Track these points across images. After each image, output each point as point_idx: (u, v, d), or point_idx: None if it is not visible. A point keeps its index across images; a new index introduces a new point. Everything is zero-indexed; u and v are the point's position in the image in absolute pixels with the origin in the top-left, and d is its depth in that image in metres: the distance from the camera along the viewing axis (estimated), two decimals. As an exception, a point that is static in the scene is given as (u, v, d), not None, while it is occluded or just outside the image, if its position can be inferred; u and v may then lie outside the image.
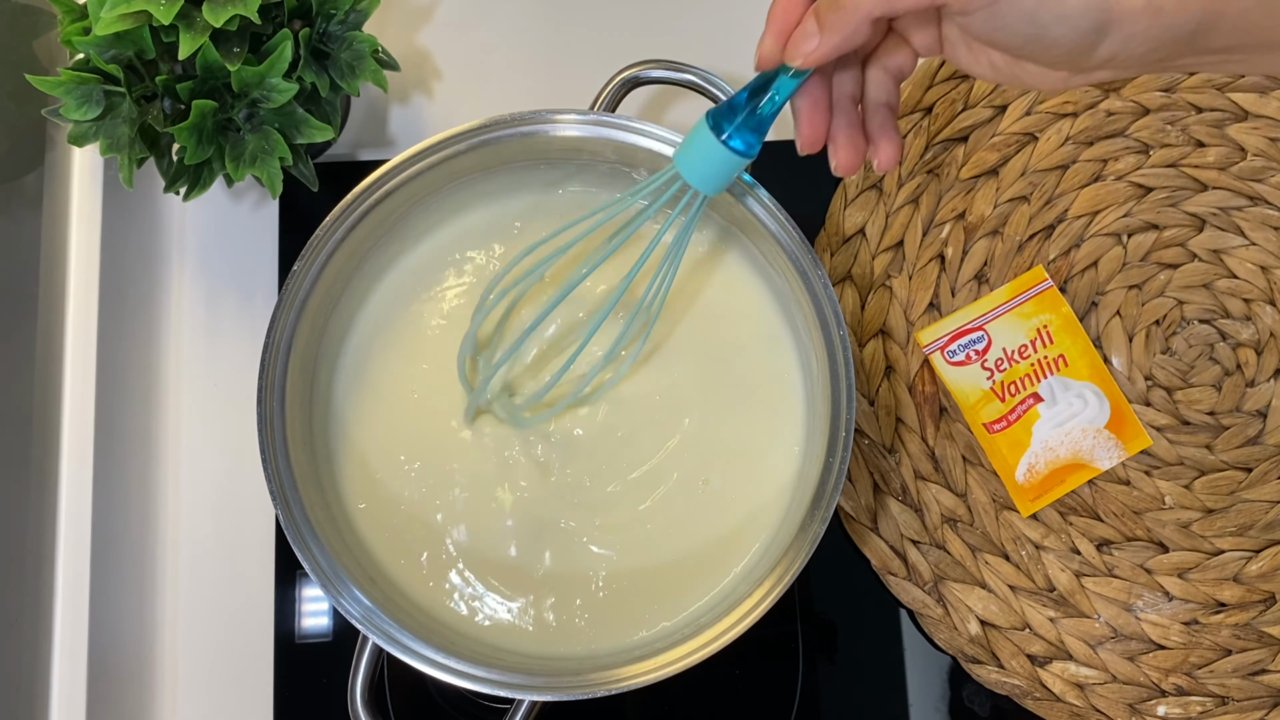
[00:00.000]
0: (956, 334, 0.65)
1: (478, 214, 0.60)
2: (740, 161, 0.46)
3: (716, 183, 0.47)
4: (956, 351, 0.65)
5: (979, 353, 0.65)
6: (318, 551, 0.51)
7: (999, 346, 0.65)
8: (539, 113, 0.55)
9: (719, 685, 0.63)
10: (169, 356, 0.66)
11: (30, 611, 0.56)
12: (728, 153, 0.45)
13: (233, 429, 0.65)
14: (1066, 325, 0.65)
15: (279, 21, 0.56)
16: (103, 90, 0.54)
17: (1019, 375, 0.65)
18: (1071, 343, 0.65)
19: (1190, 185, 0.68)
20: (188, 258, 0.68)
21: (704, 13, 0.72)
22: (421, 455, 0.57)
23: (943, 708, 0.63)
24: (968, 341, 0.65)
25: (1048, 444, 0.64)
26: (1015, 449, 0.64)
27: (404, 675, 0.61)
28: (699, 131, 0.46)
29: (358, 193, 0.54)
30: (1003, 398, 0.64)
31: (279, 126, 0.56)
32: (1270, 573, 0.63)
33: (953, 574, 0.63)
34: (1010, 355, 0.65)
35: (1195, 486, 0.64)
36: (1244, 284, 0.66)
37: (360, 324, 0.58)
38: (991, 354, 0.65)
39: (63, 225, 0.60)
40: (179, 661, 0.63)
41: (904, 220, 0.67)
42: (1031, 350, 0.65)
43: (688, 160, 0.47)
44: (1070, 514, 0.64)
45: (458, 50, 0.71)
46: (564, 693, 0.50)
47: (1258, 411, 0.65)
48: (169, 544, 0.64)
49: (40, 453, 0.58)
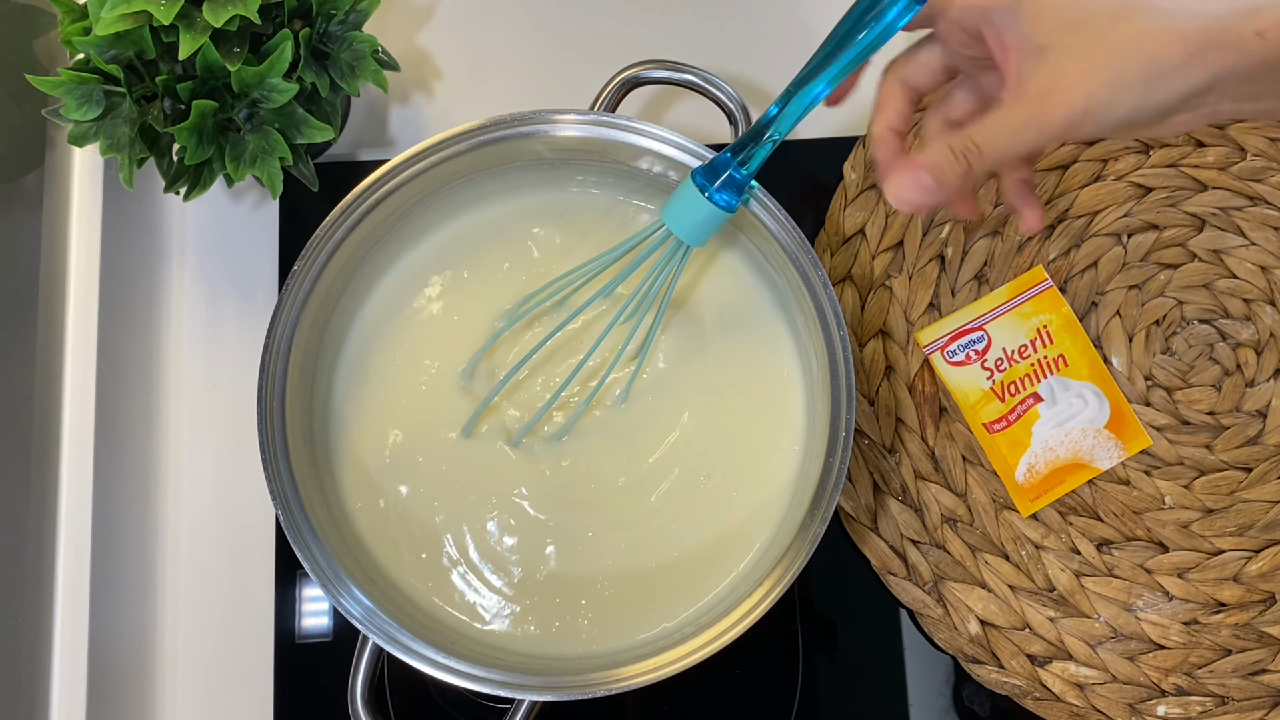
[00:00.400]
0: (956, 334, 0.65)
1: (478, 214, 0.60)
2: (724, 216, 0.50)
3: (701, 234, 0.51)
4: (956, 351, 0.64)
5: (979, 353, 0.64)
6: (318, 551, 0.51)
7: (999, 346, 0.64)
8: (539, 113, 0.55)
9: (719, 685, 0.63)
10: (169, 356, 0.66)
11: (30, 611, 0.56)
12: (712, 208, 0.50)
13: (233, 429, 0.65)
14: (1066, 325, 0.65)
15: (279, 21, 0.56)
16: (103, 90, 0.54)
17: (1019, 375, 0.64)
18: (1071, 343, 0.65)
19: (1190, 185, 0.68)
20: (188, 258, 0.68)
21: (704, 13, 0.72)
22: (421, 455, 0.57)
23: (943, 708, 0.63)
24: (967, 341, 0.64)
25: (1048, 444, 0.64)
26: (1015, 449, 0.64)
27: (404, 675, 0.61)
28: (686, 189, 0.50)
29: (358, 193, 0.54)
30: (1002, 398, 0.64)
31: (279, 126, 0.56)
32: (1270, 573, 0.63)
33: (953, 574, 0.63)
34: (1010, 355, 0.64)
35: (1195, 486, 0.64)
36: (1244, 284, 0.66)
37: (360, 324, 0.58)
38: (991, 354, 0.64)
39: (63, 225, 0.60)
40: (179, 661, 0.63)
41: (904, 220, 0.67)
42: (1031, 350, 0.64)
43: (675, 215, 0.51)
44: (1070, 514, 0.64)
45: (458, 50, 0.71)
46: (564, 693, 0.50)
47: (1257, 411, 0.65)
48: (169, 544, 0.64)
49: (40, 453, 0.58)
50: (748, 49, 0.71)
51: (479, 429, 0.57)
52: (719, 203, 0.50)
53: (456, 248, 0.60)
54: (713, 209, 0.50)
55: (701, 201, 0.50)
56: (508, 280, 0.59)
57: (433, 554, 0.56)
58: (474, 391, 0.58)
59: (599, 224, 0.60)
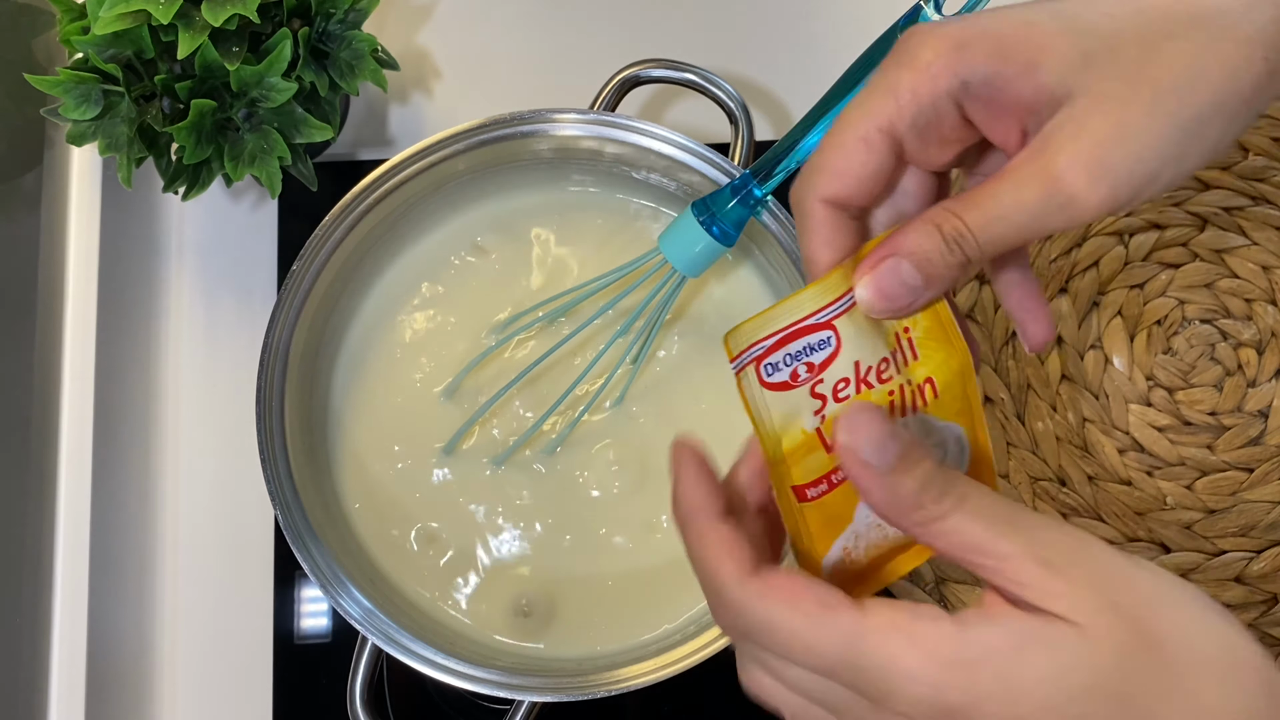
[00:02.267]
0: (788, 334, 0.35)
1: (477, 214, 0.60)
2: (720, 249, 0.51)
3: (697, 266, 0.52)
4: (780, 365, 0.35)
5: (813, 368, 0.35)
6: (317, 552, 0.51)
7: (848, 360, 0.35)
8: (539, 112, 0.55)
9: (720, 686, 0.63)
10: (168, 356, 0.66)
11: (29, 612, 0.56)
12: (710, 240, 0.50)
13: (232, 429, 0.65)
14: (938, 330, 0.35)
15: (278, 21, 0.56)
16: (101, 90, 0.54)
17: None
18: (944, 360, 0.35)
19: (1192, 185, 0.68)
20: (186, 257, 0.67)
21: (704, 13, 0.72)
22: (421, 455, 0.57)
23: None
24: (801, 348, 0.35)
25: (877, 520, 0.35)
26: (829, 527, 0.35)
27: (403, 675, 0.61)
28: (685, 220, 0.51)
29: (357, 192, 0.54)
30: (830, 446, 0.35)
31: (278, 126, 0.56)
32: (1272, 573, 0.63)
33: (954, 574, 0.63)
34: (862, 376, 0.35)
35: (1197, 487, 0.64)
36: (1245, 284, 0.66)
37: (359, 323, 0.58)
38: (834, 371, 0.35)
39: (61, 225, 0.60)
40: (178, 661, 0.63)
41: (905, 220, 0.67)
42: (893, 369, 0.35)
43: (672, 245, 0.51)
44: (1071, 515, 0.64)
45: (457, 50, 0.71)
46: (564, 693, 0.49)
47: (1259, 412, 0.65)
48: (168, 544, 0.64)
49: (39, 453, 0.58)
50: (748, 48, 0.71)
51: (474, 432, 0.57)
52: (716, 235, 0.50)
53: (456, 248, 0.59)
54: (711, 242, 0.50)
55: (700, 234, 0.50)
56: (507, 280, 0.59)
57: (432, 555, 0.56)
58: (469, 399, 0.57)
59: (599, 223, 0.60)
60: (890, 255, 0.31)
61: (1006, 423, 0.65)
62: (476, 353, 0.57)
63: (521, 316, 0.57)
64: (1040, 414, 0.65)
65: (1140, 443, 0.65)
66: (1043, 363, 0.66)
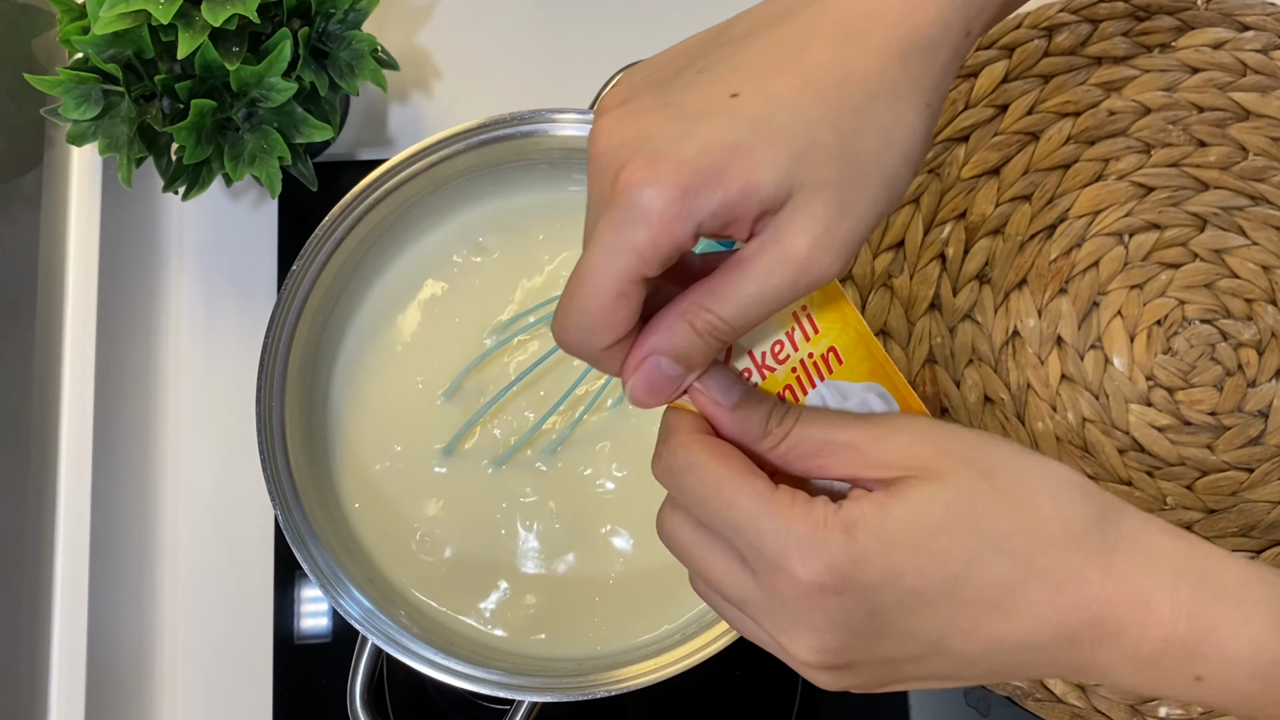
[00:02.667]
0: None
1: (477, 214, 0.59)
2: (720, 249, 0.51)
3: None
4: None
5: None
6: (317, 552, 0.51)
7: (742, 352, 0.38)
8: (539, 112, 0.55)
9: (719, 686, 0.63)
10: (168, 356, 0.66)
11: (29, 612, 0.56)
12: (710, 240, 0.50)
13: (232, 429, 0.65)
14: (828, 301, 0.39)
15: (278, 21, 0.56)
16: (101, 90, 0.54)
17: (777, 390, 0.39)
18: (842, 328, 0.39)
19: (1192, 185, 0.68)
20: (186, 257, 0.67)
21: (703, 12, 0.72)
22: (420, 455, 0.57)
23: (944, 709, 0.63)
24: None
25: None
26: None
27: (403, 676, 0.61)
28: None
29: (357, 192, 0.54)
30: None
31: (278, 126, 0.56)
32: (1272, 573, 0.63)
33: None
34: (762, 363, 0.39)
35: (1197, 487, 0.64)
36: (1245, 284, 0.66)
37: (359, 323, 0.58)
38: (737, 365, 0.39)
39: (61, 225, 0.60)
40: (178, 662, 0.63)
41: (904, 220, 0.67)
42: (790, 347, 0.39)
43: None
44: (1071, 514, 0.64)
45: (457, 50, 0.71)
46: (564, 693, 0.49)
47: (1259, 412, 0.65)
48: (168, 544, 0.64)
49: (39, 453, 0.58)
50: (748, 48, 0.71)
51: (475, 432, 0.57)
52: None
53: (456, 248, 0.59)
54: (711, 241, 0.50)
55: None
56: (509, 280, 0.59)
57: (432, 555, 0.56)
58: (470, 399, 0.57)
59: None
60: (650, 355, 0.34)
61: (1006, 423, 0.65)
62: (477, 353, 0.57)
63: (523, 317, 0.57)
64: (1040, 414, 0.65)
65: (1140, 443, 0.65)
66: (1043, 363, 0.66)
